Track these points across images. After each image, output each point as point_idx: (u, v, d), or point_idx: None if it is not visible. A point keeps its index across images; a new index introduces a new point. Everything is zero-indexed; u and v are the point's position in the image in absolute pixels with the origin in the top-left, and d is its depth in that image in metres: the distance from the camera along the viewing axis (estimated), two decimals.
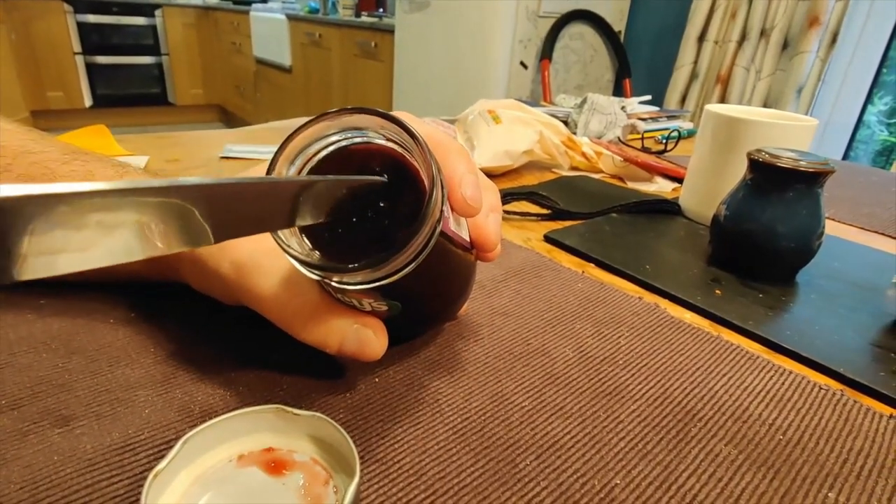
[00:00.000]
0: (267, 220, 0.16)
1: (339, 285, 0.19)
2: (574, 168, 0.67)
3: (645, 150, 0.77)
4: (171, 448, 0.18)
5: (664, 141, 0.84)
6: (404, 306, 0.22)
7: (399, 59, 2.36)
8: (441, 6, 2.10)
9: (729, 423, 0.25)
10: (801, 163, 0.38)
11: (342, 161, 0.20)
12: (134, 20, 3.58)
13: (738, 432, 0.25)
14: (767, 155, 0.39)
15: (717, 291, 0.38)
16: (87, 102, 3.57)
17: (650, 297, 0.37)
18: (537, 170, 0.65)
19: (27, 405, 0.22)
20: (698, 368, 0.29)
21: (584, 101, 0.83)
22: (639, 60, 2.25)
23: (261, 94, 3.65)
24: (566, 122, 0.84)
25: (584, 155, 0.66)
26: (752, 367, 0.30)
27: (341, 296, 0.21)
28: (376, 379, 0.26)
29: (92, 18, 3.40)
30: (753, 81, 1.82)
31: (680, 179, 0.63)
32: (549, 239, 0.45)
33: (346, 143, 0.20)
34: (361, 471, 0.20)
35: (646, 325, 0.33)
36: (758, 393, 0.28)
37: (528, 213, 0.50)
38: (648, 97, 1.04)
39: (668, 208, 0.54)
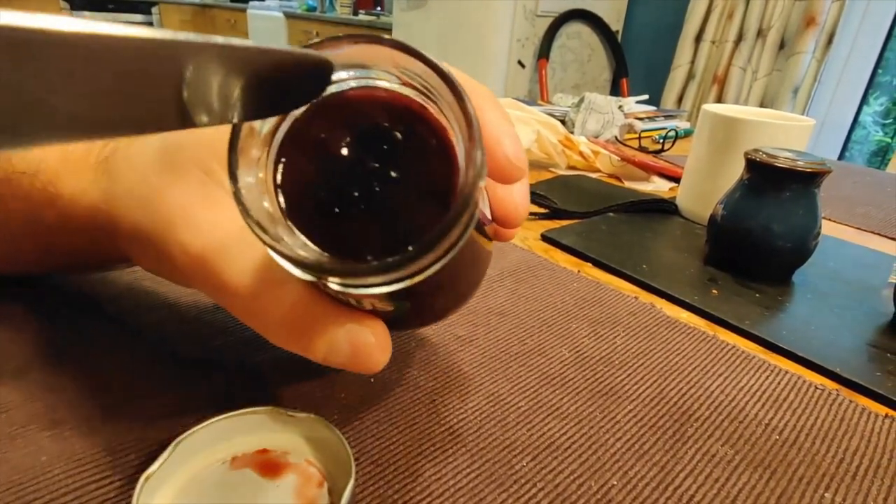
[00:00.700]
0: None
1: (339, 287, 0.15)
2: (571, 167, 0.67)
3: (642, 149, 0.77)
4: (162, 450, 0.18)
5: (661, 140, 0.84)
6: (413, 305, 0.17)
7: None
8: (439, 4, 2.10)
9: (725, 424, 0.25)
10: (798, 163, 0.38)
11: (338, 113, 0.15)
12: (130, 17, 3.56)
13: (735, 432, 0.25)
14: (764, 155, 0.39)
15: (714, 291, 0.38)
16: None
17: (647, 297, 0.37)
18: (534, 169, 0.65)
19: (15, 409, 0.22)
20: (695, 368, 0.29)
21: (582, 101, 0.83)
22: (636, 60, 2.25)
23: None
24: (563, 122, 0.83)
25: (582, 154, 0.66)
26: (748, 366, 0.30)
27: (333, 293, 0.16)
28: (371, 379, 0.26)
29: (88, 15, 3.38)
30: (750, 81, 1.83)
31: (677, 179, 0.63)
32: (545, 238, 0.45)
33: (342, 88, 0.15)
34: (357, 472, 0.20)
35: (642, 324, 0.33)
36: (754, 393, 0.28)
37: None
38: (645, 97, 1.04)
39: (665, 208, 0.53)
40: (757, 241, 0.39)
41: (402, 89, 0.15)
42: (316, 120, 0.15)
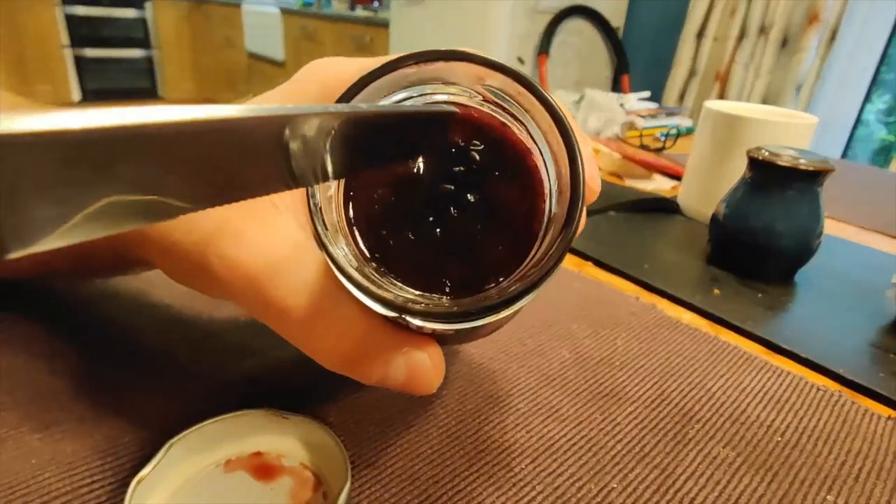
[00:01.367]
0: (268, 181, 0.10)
1: (418, 322, 0.14)
2: None
3: (643, 147, 0.76)
4: (155, 452, 0.18)
5: (663, 138, 0.83)
6: (476, 332, 0.16)
7: (394, 54, 2.34)
8: (439, 1, 2.09)
9: (727, 425, 0.25)
10: (801, 161, 0.38)
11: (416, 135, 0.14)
12: (123, 12, 3.53)
13: (737, 434, 0.24)
14: (767, 153, 0.39)
15: (716, 291, 0.38)
16: (76, 97, 3.53)
17: (648, 297, 0.37)
18: None
19: (6, 411, 0.22)
20: (696, 369, 0.29)
21: (583, 98, 0.82)
22: (637, 57, 2.24)
23: (253, 89, 3.63)
24: None
25: None
26: (750, 367, 0.29)
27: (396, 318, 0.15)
28: None
29: (80, 11, 3.36)
30: (752, 79, 1.82)
31: (679, 177, 0.62)
32: None
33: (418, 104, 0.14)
34: (353, 476, 0.20)
35: (643, 325, 0.33)
36: (756, 394, 0.27)
37: None
38: (647, 94, 1.03)
39: (666, 207, 0.53)
40: (759, 240, 0.39)
41: (484, 106, 0.14)
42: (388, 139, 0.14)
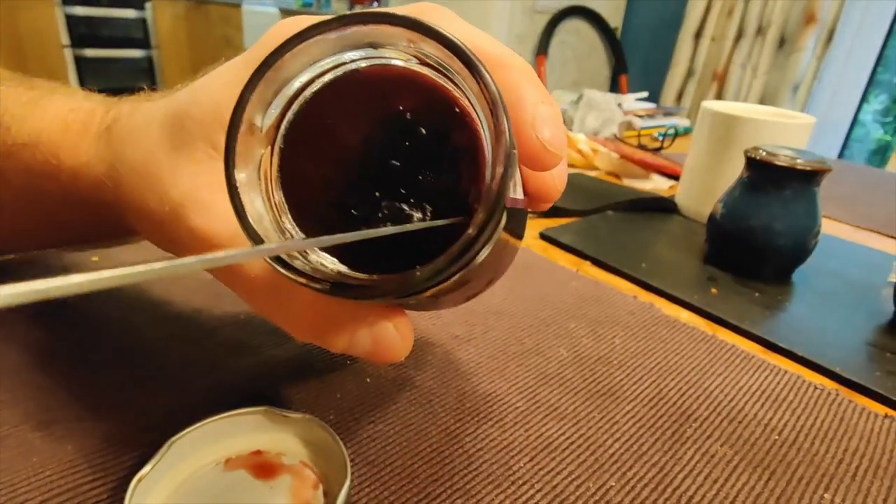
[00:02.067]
0: None
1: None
2: (570, 165, 0.67)
3: (641, 147, 0.77)
4: (155, 451, 0.18)
5: (661, 138, 0.83)
6: (437, 301, 0.16)
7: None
8: (437, 0, 2.09)
9: (724, 424, 0.25)
10: (798, 161, 0.38)
11: (350, 94, 0.13)
12: (123, 13, 3.52)
13: (734, 433, 0.25)
14: (764, 153, 0.39)
15: (713, 290, 0.38)
16: None
17: (645, 296, 0.37)
18: None
19: (7, 409, 0.22)
20: (694, 368, 0.29)
21: (581, 98, 0.82)
22: (635, 57, 2.25)
23: None
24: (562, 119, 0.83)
25: (581, 152, 0.66)
26: (747, 366, 0.30)
27: None
28: (367, 379, 0.25)
29: (80, 10, 3.35)
30: (750, 79, 1.83)
31: (676, 177, 0.63)
32: (544, 236, 0.45)
33: (355, 67, 0.13)
34: (352, 474, 0.20)
35: (641, 324, 0.33)
36: (753, 393, 0.27)
37: None
38: (645, 94, 1.04)
39: (664, 206, 0.53)
40: (757, 239, 0.39)
41: (419, 68, 0.13)
42: (323, 106, 0.13)
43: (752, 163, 0.39)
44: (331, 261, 0.14)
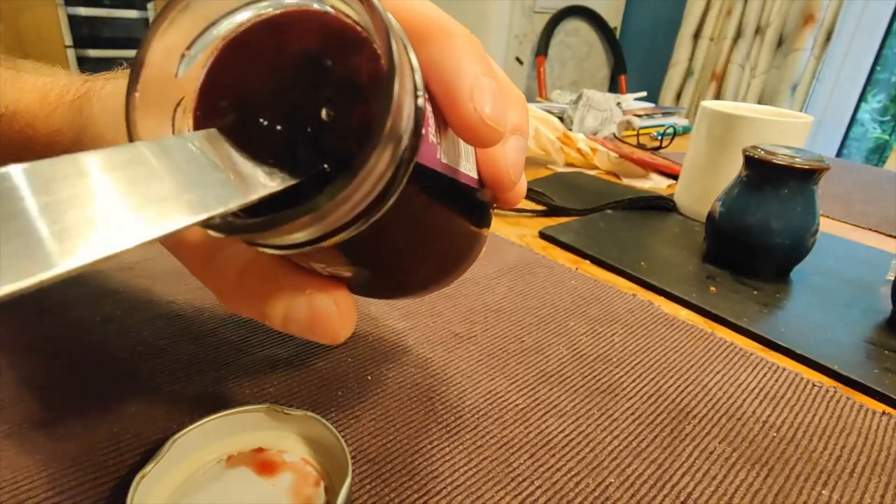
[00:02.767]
0: None
1: (254, 246, 0.13)
2: (569, 164, 0.67)
3: (640, 146, 0.77)
4: (157, 449, 0.18)
5: (660, 137, 0.83)
6: (374, 274, 0.15)
7: None
8: (436, 0, 2.09)
9: (723, 421, 0.25)
10: (797, 160, 0.38)
11: (262, 40, 0.13)
12: (126, 13, 3.53)
13: (732, 430, 0.25)
14: (763, 152, 0.39)
15: (712, 288, 0.38)
16: None
17: (644, 294, 0.37)
18: (532, 166, 0.65)
19: (9, 407, 0.22)
20: (692, 366, 0.29)
21: (580, 98, 0.83)
22: (634, 57, 2.25)
23: None
24: (561, 119, 0.83)
25: (580, 151, 0.66)
26: (746, 364, 0.30)
27: (283, 257, 0.15)
28: (368, 377, 0.26)
29: (83, 11, 3.36)
30: (748, 78, 1.83)
31: (675, 176, 0.63)
32: (543, 235, 0.45)
33: (270, 12, 0.13)
34: (353, 471, 0.20)
35: (640, 322, 0.33)
36: (752, 390, 0.28)
37: (522, 210, 0.50)
38: (644, 93, 1.04)
39: (663, 205, 0.53)
40: (755, 238, 0.39)
41: (337, 13, 0.13)
42: (235, 52, 0.13)
43: (751, 161, 0.40)
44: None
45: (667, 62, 2.04)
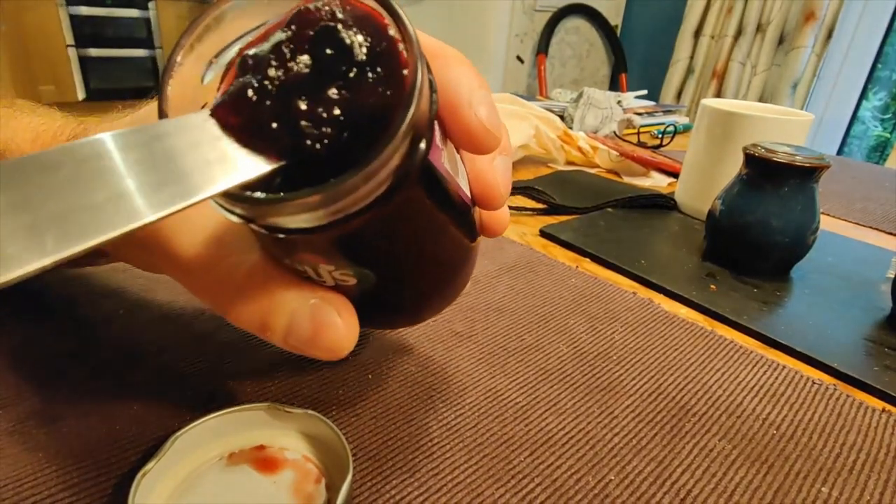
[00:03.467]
0: None
1: (268, 231, 0.13)
2: (570, 163, 0.67)
3: (641, 144, 0.77)
4: (159, 446, 0.18)
5: (660, 136, 0.83)
6: (379, 278, 0.15)
7: None
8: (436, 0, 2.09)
9: (723, 419, 0.25)
10: (797, 157, 0.38)
11: (287, 28, 0.13)
12: (127, 12, 3.53)
13: (732, 427, 0.25)
14: (763, 150, 0.39)
15: (712, 286, 0.38)
16: (81, 95, 3.54)
17: (645, 293, 0.37)
18: (533, 164, 0.65)
19: (12, 405, 0.22)
20: (692, 364, 0.29)
21: (580, 96, 0.82)
22: (635, 55, 2.25)
23: None
24: (562, 117, 0.83)
25: (580, 149, 0.66)
26: (746, 361, 0.30)
27: (289, 260, 0.15)
28: (369, 375, 0.26)
29: (84, 10, 3.36)
30: (749, 76, 1.83)
31: (676, 174, 0.63)
32: (544, 234, 0.45)
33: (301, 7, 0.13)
34: (354, 468, 0.20)
35: (640, 320, 0.33)
36: (752, 388, 0.28)
37: (523, 208, 0.50)
38: (644, 92, 1.04)
39: (663, 203, 0.53)
40: (755, 236, 0.39)
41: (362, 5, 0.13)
42: (255, 47, 0.13)
43: (751, 159, 0.40)
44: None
45: (667, 60, 2.03)
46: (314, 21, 0.13)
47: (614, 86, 2.28)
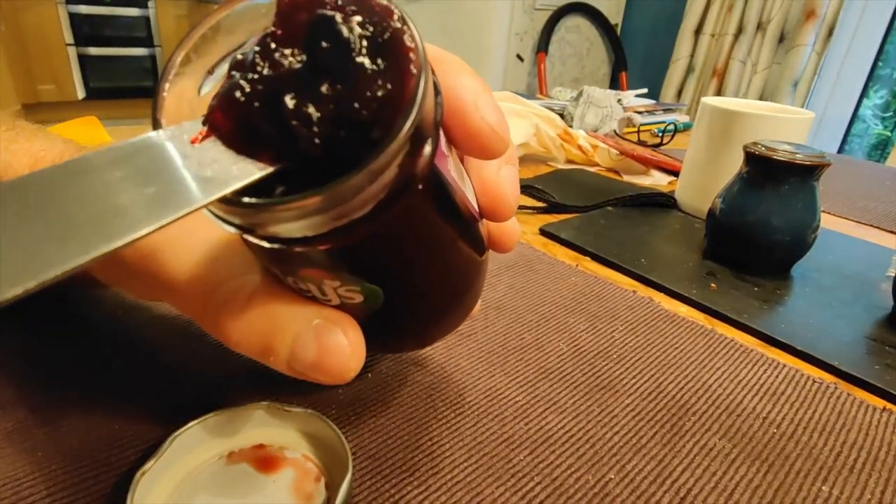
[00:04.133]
0: None
1: (269, 243, 0.12)
2: (570, 161, 0.67)
3: (641, 143, 0.77)
4: (158, 446, 0.18)
5: (660, 134, 0.83)
6: (387, 293, 0.14)
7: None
8: None
9: (723, 417, 0.25)
10: (798, 156, 0.38)
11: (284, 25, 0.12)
12: (126, 11, 3.53)
13: (732, 426, 0.25)
14: (763, 148, 0.39)
15: (712, 285, 0.38)
16: (80, 94, 3.53)
17: (645, 291, 0.37)
18: (533, 163, 0.65)
19: (12, 405, 0.22)
20: (692, 362, 0.29)
21: (581, 94, 0.82)
22: (635, 53, 2.24)
23: None
24: (562, 115, 0.83)
25: (580, 148, 0.66)
26: (746, 360, 0.30)
27: (291, 278, 0.14)
28: (369, 374, 0.26)
29: (84, 9, 3.36)
30: (750, 75, 1.82)
31: (676, 173, 0.63)
32: (544, 232, 0.45)
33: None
34: (354, 467, 0.20)
35: (640, 318, 0.33)
36: (752, 386, 0.28)
37: (523, 207, 0.50)
38: (644, 90, 1.04)
39: (663, 202, 0.53)
40: (755, 234, 0.39)
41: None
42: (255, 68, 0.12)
43: (752, 158, 0.40)
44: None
45: (668, 59, 2.03)
46: (311, 13, 0.12)
47: (614, 84, 2.28)
